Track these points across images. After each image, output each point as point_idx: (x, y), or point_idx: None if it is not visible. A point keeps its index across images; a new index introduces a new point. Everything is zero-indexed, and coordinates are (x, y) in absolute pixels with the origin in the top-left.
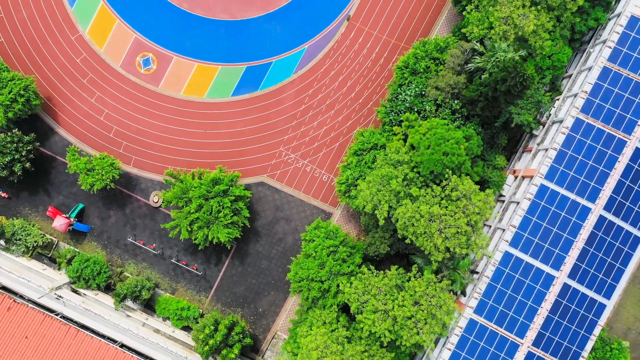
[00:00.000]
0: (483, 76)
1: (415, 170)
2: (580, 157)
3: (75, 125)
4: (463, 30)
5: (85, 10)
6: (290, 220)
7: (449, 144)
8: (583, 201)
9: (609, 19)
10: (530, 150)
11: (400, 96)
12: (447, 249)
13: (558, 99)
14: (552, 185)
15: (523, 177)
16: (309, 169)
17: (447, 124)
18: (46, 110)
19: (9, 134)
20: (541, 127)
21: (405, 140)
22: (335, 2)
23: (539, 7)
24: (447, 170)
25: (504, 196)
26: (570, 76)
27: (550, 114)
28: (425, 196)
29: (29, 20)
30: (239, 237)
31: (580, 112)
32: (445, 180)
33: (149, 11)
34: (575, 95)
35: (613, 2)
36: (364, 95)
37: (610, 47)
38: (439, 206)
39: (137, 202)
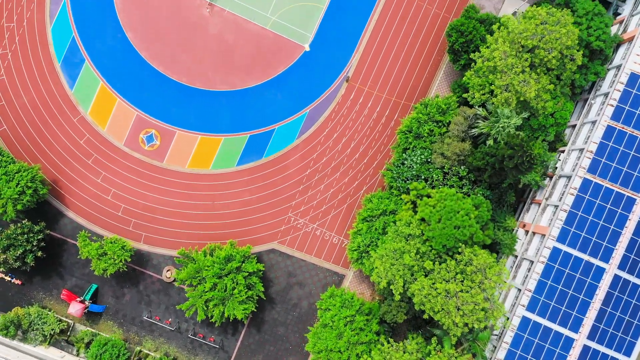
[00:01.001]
0: (488, 142)
1: (427, 244)
2: (590, 218)
3: (83, 207)
4: (464, 95)
5: (85, 92)
6: (304, 285)
7: (459, 216)
8: (597, 261)
9: (608, 70)
10: (539, 203)
11: (406, 162)
12: (466, 324)
13: (563, 151)
14: (564, 248)
15: (534, 233)
16: (319, 233)
17: (456, 192)
18: (54, 194)
19: (19, 225)
20: (548, 179)
21: (414, 207)
22: (333, 64)
23: (538, 70)
24: (460, 244)
25: (516, 250)
26: (573, 126)
27: (556, 167)
28: (439, 272)
29: (30, 106)
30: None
31: (587, 172)
32: (459, 254)
33: (149, 88)
34: (581, 151)
35: (611, 53)
36: (368, 155)
37: (612, 106)
38: (455, 280)
39: (150, 278)
